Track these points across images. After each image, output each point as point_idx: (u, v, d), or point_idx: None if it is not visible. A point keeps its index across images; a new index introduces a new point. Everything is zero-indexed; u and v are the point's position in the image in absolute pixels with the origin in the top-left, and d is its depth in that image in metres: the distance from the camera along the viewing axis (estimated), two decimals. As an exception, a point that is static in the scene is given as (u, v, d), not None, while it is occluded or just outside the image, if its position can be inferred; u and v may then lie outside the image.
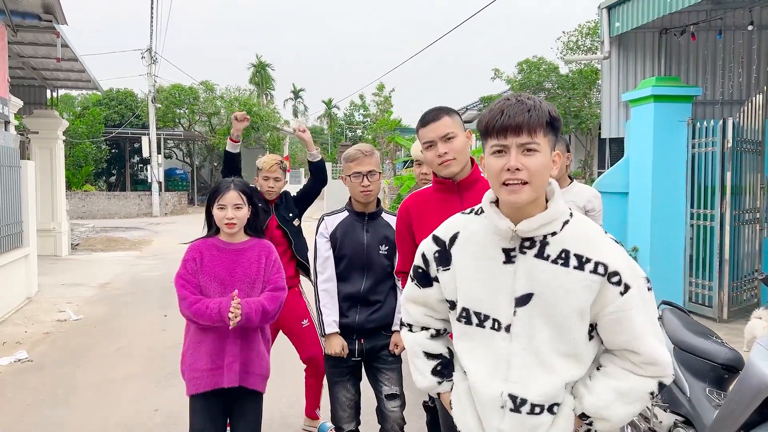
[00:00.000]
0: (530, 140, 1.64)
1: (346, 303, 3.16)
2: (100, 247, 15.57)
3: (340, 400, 3.18)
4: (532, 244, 1.71)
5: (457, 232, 1.85)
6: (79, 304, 8.65)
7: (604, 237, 1.73)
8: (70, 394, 5.12)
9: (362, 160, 3.10)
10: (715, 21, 8.29)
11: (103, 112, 29.28)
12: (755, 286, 7.73)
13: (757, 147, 7.55)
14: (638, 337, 1.68)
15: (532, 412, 1.71)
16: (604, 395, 1.72)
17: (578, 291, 1.67)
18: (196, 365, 2.91)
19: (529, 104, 1.66)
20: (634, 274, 1.69)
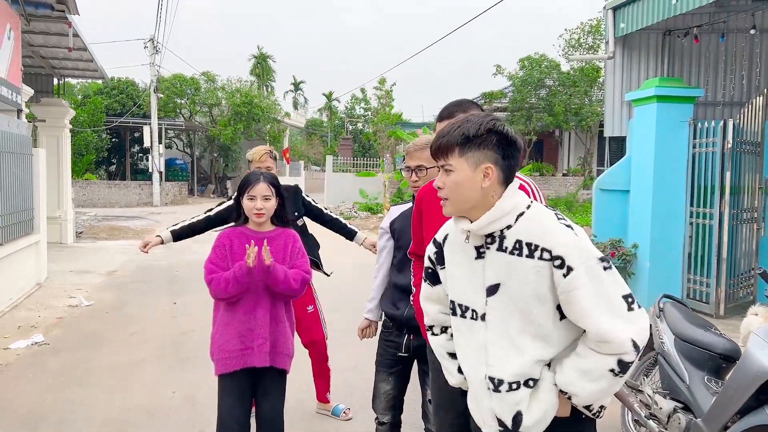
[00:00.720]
0: (445, 162, 1.92)
1: (398, 294, 3.15)
2: (104, 235, 15.70)
3: (378, 390, 3.22)
4: (492, 239, 1.91)
5: (447, 233, 2.10)
6: (88, 290, 8.80)
7: (555, 224, 1.86)
8: (89, 376, 5.30)
9: (413, 154, 3.10)
10: (718, 24, 8.45)
11: (104, 101, 29.32)
12: (751, 284, 7.92)
13: (756, 148, 7.72)
14: (585, 315, 1.79)
15: (510, 389, 1.89)
16: (569, 372, 1.85)
17: (532, 277, 1.84)
18: (225, 346, 3.08)
19: (445, 130, 1.94)
20: (582, 255, 1.80)
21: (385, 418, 3.19)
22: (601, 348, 1.81)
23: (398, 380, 3.18)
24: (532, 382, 1.89)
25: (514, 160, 1.93)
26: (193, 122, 32.63)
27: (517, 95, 23.79)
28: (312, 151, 44.96)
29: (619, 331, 1.78)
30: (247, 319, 3.07)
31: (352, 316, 4.27)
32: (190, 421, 4.41)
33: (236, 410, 3.09)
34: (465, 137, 1.88)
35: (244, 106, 30.68)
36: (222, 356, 3.10)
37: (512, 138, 1.91)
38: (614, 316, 1.79)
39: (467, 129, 1.89)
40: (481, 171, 1.88)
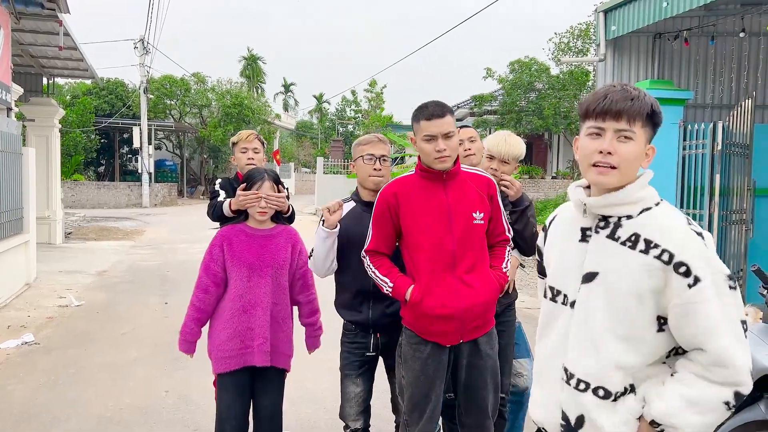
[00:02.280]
0: (627, 128, 1.70)
1: (357, 298, 3.05)
2: (93, 236, 15.61)
3: (347, 395, 3.11)
4: (606, 224, 1.76)
5: (556, 215, 2.00)
6: (78, 290, 8.74)
7: (684, 228, 1.69)
8: (81, 375, 5.26)
9: (376, 144, 3.08)
10: (708, 27, 8.53)
11: (93, 101, 29.14)
12: (740, 285, 8.00)
13: (745, 150, 7.79)
14: (707, 333, 1.61)
15: (577, 388, 1.76)
16: (673, 401, 1.65)
17: (638, 273, 1.68)
18: (224, 345, 3.05)
19: (633, 94, 1.71)
20: (710, 268, 1.64)
21: (357, 423, 3.09)
22: (714, 374, 1.63)
23: (366, 381, 3.13)
24: (602, 391, 1.73)
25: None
26: (183, 123, 32.52)
27: (507, 98, 23.87)
28: (302, 153, 44.94)
29: (740, 357, 1.62)
30: (247, 318, 3.05)
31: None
32: (183, 419, 4.39)
33: (235, 408, 3.07)
34: (652, 110, 1.72)
35: (235, 107, 30.63)
36: (221, 355, 3.07)
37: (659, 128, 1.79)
38: (736, 340, 1.62)
39: (654, 102, 1.73)
40: (645, 150, 1.74)
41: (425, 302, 2.68)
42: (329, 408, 4.38)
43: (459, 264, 2.68)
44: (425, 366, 2.74)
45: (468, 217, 2.72)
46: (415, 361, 2.76)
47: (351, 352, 3.11)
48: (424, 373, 2.74)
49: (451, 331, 2.70)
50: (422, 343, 2.74)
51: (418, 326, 2.74)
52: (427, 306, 2.67)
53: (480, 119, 24.50)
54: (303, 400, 4.67)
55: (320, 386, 4.95)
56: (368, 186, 3.08)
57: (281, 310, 3.13)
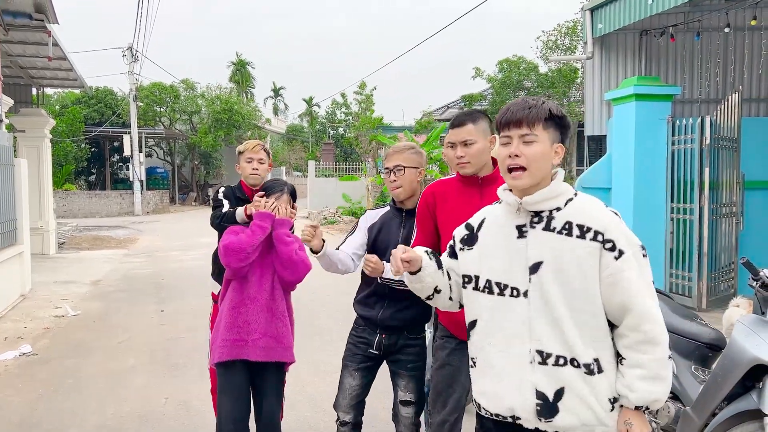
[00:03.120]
0: (529, 132, 1.98)
1: (373, 297, 3.17)
2: (87, 245, 15.56)
3: (343, 386, 3.18)
4: (539, 219, 2.00)
5: (484, 218, 2.18)
6: (74, 300, 8.73)
7: (604, 210, 1.98)
8: (80, 384, 5.27)
9: (391, 156, 3.18)
10: (693, 23, 8.63)
11: (82, 110, 29.04)
12: (732, 277, 8.08)
13: (733, 144, 7.89)
14: (632, 296, 1.89)
15: (557, 364, 1.94)
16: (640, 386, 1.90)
17: (580, 256, 1.93)
18: (223, 335, 3.12)
19: (531, 103, 2.01)
20: (629, 241, 1.93)
21: (348, 416, 3.15)
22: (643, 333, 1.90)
23: (364, 377, 3.18)
24: (576, 362, 1.93)
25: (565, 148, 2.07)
26: (174, 130, 32.46)
27: (497, 97, 23.94)
28: (293, 156, 44.88)
29: (658, 315, 1.92)
30: (246, 311, 3.11)
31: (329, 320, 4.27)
32: (184, 426, 4.41)
33: (234, 412, 3.07)
34: (550, 113, 1.99)
35: (225, 113, 30.59)
36: (218, 344, 3.13)
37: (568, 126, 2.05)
38: (653, 299, 1.93)
39: (551, 106, 2.01)
40: (554, 148, 2.01)
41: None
42: (329, 410, 4.40)
43: None
44: (451, 356, 2.86)
45: None
46: (443, 351, 2.89)
47: (355, 345, 3.21)
48: (449, 362, 2.86)
49: None
50: (452, 336, 2.88)
51: (449, 324, 2.88)
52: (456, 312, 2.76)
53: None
54: (303, 402, 4.70)
55: (320, 389, 4.98)
56: (392, 195, 3.25)
57: (278, 305, 3.19)
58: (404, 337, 3.16)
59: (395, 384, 3.19)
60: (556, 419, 1.94)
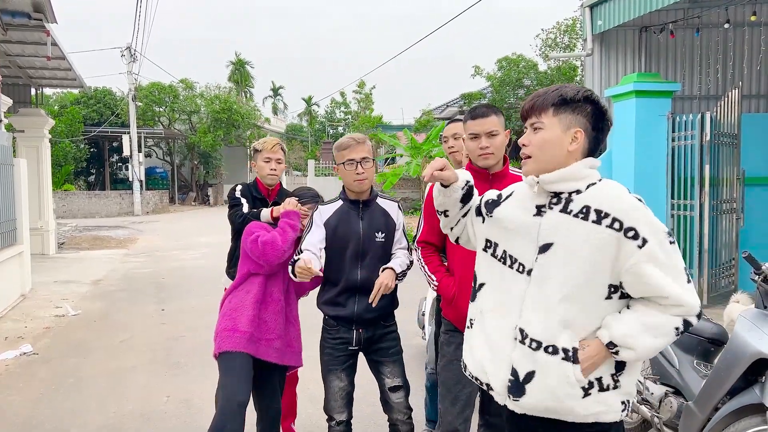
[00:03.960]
0: (536, 120, 1.97)
1: (344, 294, 3.11)
2: (87, 245, 15.56)
3: (332, 390, 3.15)
4: (558, 200, 1.96)
5: (513, 191, 2.18)
6: (74, 300, 8.72)
7: (627, 196, 1.90)
8: (81, 384, 5.26)
9: (355, 147, 3.08)
10: (693, 19, 8.63)
11: (81, 110, 29.05)
12: (732, 273, 8.08)
13: (734, 140, 7.89)
14: (663, 285, 1.82)
15: (531, 347, 1.93)
16: (633, 325, 1.86)
17: (593, 241, 1.86)
18: (233, 326, 3.08)
19: (541, 92, 2.01)
20: (653, 228, 1.85)
21: (342, 416, 3.15)
22: (671, 310, 1.85)
23: (350, 375, 3.19)
24: (552, 348, 1.90)
25: (602, 134, 1.97)
26: (173, 130, 32.46)
27: (496, 96, 23.92)
28: (293, 156, 44.88)
29: (690, 297, 1.85)
30: (261, 309, 3.11)
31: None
32: (186, 424, 4.40)
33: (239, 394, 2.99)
34: (562, 98, 1.94)
35: (224, 112, 30.60)
36: (227, 334, 3.07)
37: (605, 111, 1.96)
38: (686, 285, 1.86)
39: (566, 91, 1.95)
40: (570, 134, 1.94)
41: (458, 300, 2.81)
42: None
43: None
44: (458, 350, 2.81)
45: None
46: (449, 346, 2.90)
47: (334, 348, 3.15)
48: (457, 357, 2.83)
49: None
50: (457, 331, 2.87)
51: (454, 319, 2.88)
52: (458, 307, 2.79)
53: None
54: (305, 400, 4.68)
55: (320, 387, 4.97)
56: (353, 189, 3.14)
57: (292, 311, 3.22)
58: (381, 327, 3.16)
59: (380, 373, 3.18)
60: (523, 399, 1.95)
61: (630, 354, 1.87)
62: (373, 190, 3.22)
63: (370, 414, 4.32)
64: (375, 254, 3.11)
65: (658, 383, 3.67)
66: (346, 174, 3.09)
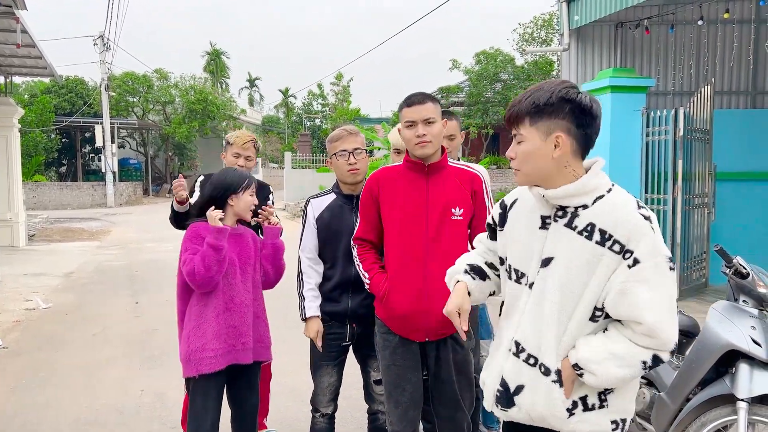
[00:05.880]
0: (516, 132, 1.89)
1: (338, 290, 3.07)
2: (58, 237, 15.30)
3: (321, 385, 3.14)
4: (564, 214, 1.87)
5: (517, 198, 2.07)
6: (45, 293, 8.58)
7: (634, 214, 1.80)
8: (54, 377, 5.18)
9: (347, 138, 3.04)
10: (668, 15, 8.72)
11: (52, 100, 28.47)
12: (703, 267, 8.23)
13: (706, 136, 8.01)
14: (643, 308, 1.74)
15: (527, 362, 1.91)
16: (599, 350, 1.80)
17: (593, 261, 1.80)
18: (210, 345, 2.93)
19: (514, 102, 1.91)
20: (652, 251, 1.76)
21: (329, 409, 3.16)
22: (642, 340, 1.78)
23: (340, 370, 3.16)
24: (544, 368, 1.88)
25: (591, 129, 1.84)
26: (147, 121, 32.00)
27: (474, 89, 24.04)
28: (269, 148, 44.56)
29: (670, 331, 1.77)
30: (231, 317, 2.97)
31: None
32: (161, 418, 4.36)
33: (212, 413, 2.97)
34: (535, 106, 1.83)
35: (199, 103, 30.26)
36: (206, 355, 2.92)
37: (587, 106, 1.82)
38: (670, 317, 1.78)
39: (538, 97, 1.83)
40: (552, 140, 1.82)
41: (389, 299, 2.73)
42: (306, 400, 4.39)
43: (430, 261, 2.67)
44: (394, 355, 2.78)
45: (445, 212, 2.69)
46: (385, 350, 2.81)
47: (328, 343, 3.10)
48: (394, 362, 2.79)
49: (415, 329, 2.73)
50: (390, 333, 2.79)
51: (385, 318, 2.80)
52: (391, 304, 2.73)
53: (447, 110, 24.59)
54: (282, 394, 4.67)
55: (297, 379, 4.95)
56: (347, 181, 3.08)
57: (259, 305, 3.12)
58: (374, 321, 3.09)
59: (367, 365, 3.17)
60: (511, 411, 1.95)
61: (592, 379, 1.82)
62: None
63: (346, 407, 4.32)
64: None
65: (632, 375, 3.72)
66: (338, 165, 3.05)
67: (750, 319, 3.03)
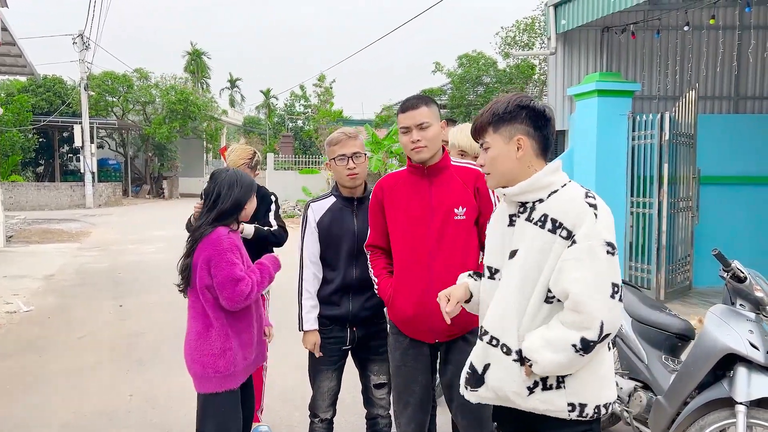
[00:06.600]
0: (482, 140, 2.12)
1: (338, 293, 3.05)
2: (37, 239, 15.03)
3: (321, 390, 3.12)
4: (524, 209, 2.08)
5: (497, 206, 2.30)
6: (26, 296, 8.42)
7: (580, 203, 1.97)
8: (39, 382, 5.08)
9: (346, 142, 2.99)
10: (654, 21, 8.82)
11: (30, 99, 27.99)
12: (687, 269, 8.31)
13: (690, 140, 8.10)
14: (573, 281, 1.89)
15: (490, 343, 2.08)
16: (535, 340, 1.96)
17: (545, 248, 1.98)
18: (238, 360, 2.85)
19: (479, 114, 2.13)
20: (589, 233, 1.92)
21: (328, 414, 3.15)
22: (567, 316, 1.92)
23: (339, 374, 3.16)
24: (506, 348, 2.04)
25: (547, 130, 2.06)
26: (126, 121, 31.60)
27: (456, 92, 24.07)
28: (251, 149, 44.20)
29: (595, 307, 1.88)
30: (259, 328, 3.01)
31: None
32: (151, 423, 4.29)
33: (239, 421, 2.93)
34: (495, 115, 2.07)
35: (180, 103, 29.94)
36: (235, 369, 2.85)
37: (540, 110, 2.05)
38: (597, 292, 1.89)
39: (497, 108, 2.07)
40: (514, 143, 2.05)
41: (394, 303, 2.75)
42: (299, 404, 4.37)
43: (434, 263, 2.67)
44: (405, 356, 2.79)
45: (448, 212, 2.68)
46: (395, 351, 2.83)
47: (327, 347, 3.09)
48: (404, 363, 2.80)
49: (423, 331, 2.74)
50: (401, 334, 2.80)
51: (395, 320, 2.81)
52: (396, 307, 2.75)
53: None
54: (273, 396, 4.62)
55: (288, 382, 4.92)
56: (346, 185, 3.07)
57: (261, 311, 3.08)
58: (374, 325, 3.13)
59: (366, 369, 3.16)
60: (480, 390, 2.12)
61: (536, 368, 1.96)
62: (367, 187, 3.15)
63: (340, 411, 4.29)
64: None
65: (627, 378, 3.74)
66: (337, 170, 3.02)
67: (747, 323, 3.06)
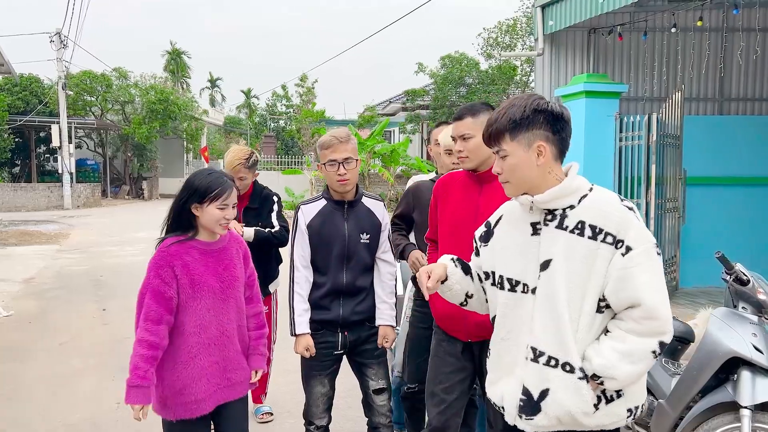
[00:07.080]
0: (499, 148, 2.01)
1: (328, 297, 3.02)
2: (14, 241, 14.72)
3: (314, 395, 3.07)
4: (553, 217, 1.99)
5: (502, 215, 2.19)
6: (5, 300, 8.21)
7: (618, 208, 1.94)
8: (21, 390, 4.93)
9: (337, 146, 2.95)
10: (641, 22, 8.84)
11: (5, 98, 27.46)
12: (674, 270, 8.35)
13: (677, 141, 8.14)
14: (641, 290, 1.85)
15: (548, 364, 1.95)
16: (609, 355, 1.88)
17: (590, 257, 1.91)
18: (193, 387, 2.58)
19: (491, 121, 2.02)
20: (641, 238, 1.90)
21: (323, 421, 3.09)
22: (644, 326, 1.87)
23: (332, 379, 3.13)
24: (569, 367, 1.93)
25: (565, 133, 2.00)
26: (105, 121, 31.15)
27: (439, 93, 24.09)
28: (231, 149, 43.86)
29: (667, 310, 1.88)
30: (218, 351, 2.60)
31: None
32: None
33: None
34: (512, 122, 1.97)
35: (160, 103, 29.58)
36: (190, 399, 2.57)
37: (558, 113, 1.98)
38: (663, 296, 1.89)
39: (513, 113, 1.97)
40: (534, 150, 1.97)
41: (433, 299, 2.70)
42: (292, 410, 4.27)
43: None
44: (438, 347, 2.84)
45: None
46: (437, 349, 2.85)
47: (319, 352, 3.04)
48: (437, 354, 2.83)
49: (456, 330, 2.77)
50: (442, 333, 2.84)
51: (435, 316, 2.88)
52: (434, 303, 2.75)
53: (412, 114, 24.64)
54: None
55: (280, 389, 4.82)
56: (336, 190, 3.05)
57: (244, 334, 2.77)
58: (366, 329, 3.10)
59: (364, 375, 3.12)
60: (537, 418, 1.97)
61: (614, 384, 1.90)
62: (359, 190, 3.12)
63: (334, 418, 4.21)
64: (360, 256, 3.06)
65: (627, 381, 3.71)
66: (328, 174, 3.00)
67: (750, 326, 3.05)
